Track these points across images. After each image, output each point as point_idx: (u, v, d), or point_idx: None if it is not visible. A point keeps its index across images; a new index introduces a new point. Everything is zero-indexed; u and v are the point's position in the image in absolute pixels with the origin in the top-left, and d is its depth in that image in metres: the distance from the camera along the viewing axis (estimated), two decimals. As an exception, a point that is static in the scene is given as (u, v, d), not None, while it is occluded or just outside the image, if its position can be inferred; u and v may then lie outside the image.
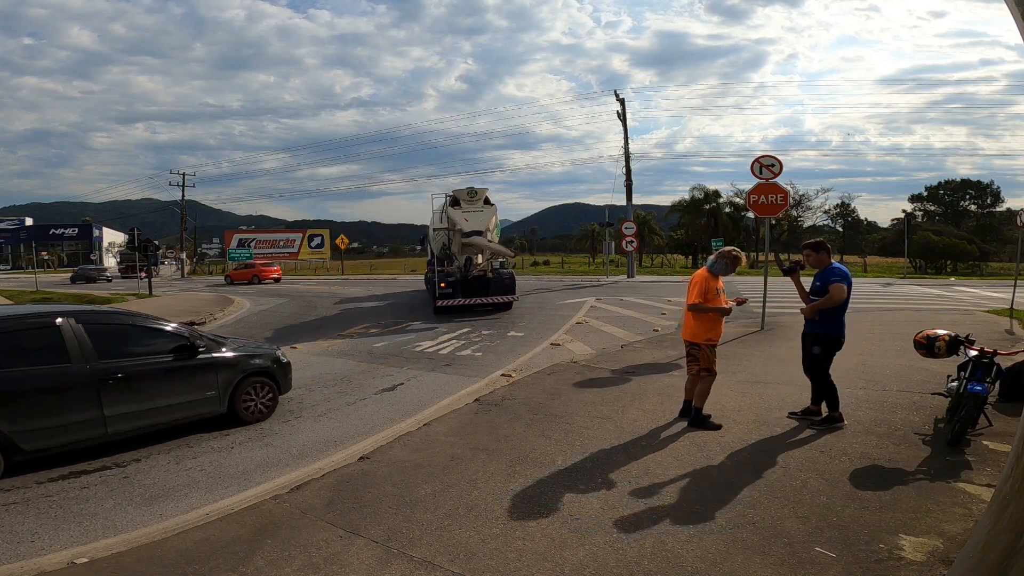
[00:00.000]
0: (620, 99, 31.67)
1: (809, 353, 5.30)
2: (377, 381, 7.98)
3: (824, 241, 5.48)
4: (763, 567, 3.06)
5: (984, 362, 4.92)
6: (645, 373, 7.71)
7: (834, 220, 62.38)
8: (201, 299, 21.31)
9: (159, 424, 5.51)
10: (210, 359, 5.90)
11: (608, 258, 35.71)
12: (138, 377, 5.29)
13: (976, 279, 30.62)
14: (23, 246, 63.44)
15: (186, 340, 5.75)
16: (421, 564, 3.21)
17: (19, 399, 4.67)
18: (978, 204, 60.17)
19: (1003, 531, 2.23)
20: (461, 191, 15.70)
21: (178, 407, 5.61)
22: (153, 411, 5.40)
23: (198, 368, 5.77)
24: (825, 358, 5.21)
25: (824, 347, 5.18)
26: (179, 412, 5.64)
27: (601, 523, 3.60)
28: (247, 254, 54.48)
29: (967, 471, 4.19)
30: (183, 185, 48.15)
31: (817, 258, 5.28)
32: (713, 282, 5.29)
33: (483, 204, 15.55)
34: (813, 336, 5.25)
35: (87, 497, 4.39)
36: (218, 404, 5.91)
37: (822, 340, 5.19)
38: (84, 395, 4.93)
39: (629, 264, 30.90)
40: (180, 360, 5.64)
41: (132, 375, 5.24)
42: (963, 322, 11.32)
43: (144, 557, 3.42)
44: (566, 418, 5.78)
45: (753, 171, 10.85)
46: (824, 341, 5.18)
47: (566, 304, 17.46)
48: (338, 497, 4.12)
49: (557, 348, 10.27)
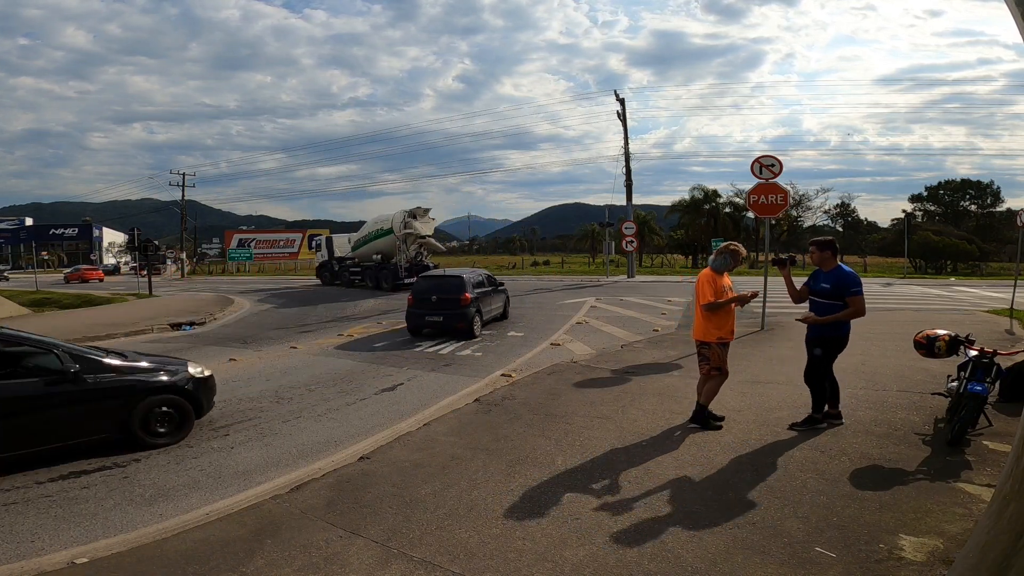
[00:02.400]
0: (620, 99, 31.69)
1: (810, 355, 5.18)
2: (377, 381, 7.98)
3: (834, 240, 5.31)
4: (763, 567, 3.06)
5: (984, 362, 4.91)
6: (645, 373, 7.71)
7: (834, 220, 62.38)
8: (201, 299, 21.31)
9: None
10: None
11: (608, 258, 35.71)
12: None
13: (976, 279, 30.62)
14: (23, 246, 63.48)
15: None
16: (421, 564, 3.21)
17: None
18: (978, 204, 60.14)
19: (1003, 531, 2.23)
20: (417, 209, 23.69)
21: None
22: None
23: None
24: (827, 359, 5.12)
25: (826, 348, 5.09)
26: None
27: (601, 523, 3.60)
28: (247, 254, 54.53)
29: (967, 471, 4.19)
30: (183, 185, 48.20)
31: (821, 256, 5.12)
32: (720, 279, 5.27)
33: (429, 218, 24.29)
34: (817, 339, 5.11)
35: (87, 497, 4.38)
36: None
37: (825, 342, 5.08)
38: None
39: (629, 264, 30.91)
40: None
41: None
42: (963, 322, 11.33)
43: (144, 557, 3.41)
44: (566, 418, 5.78)
45: (753, 171, 10.86)
46: (826, 343, 5.08)
47: (566, 304, 17.47)
48: (338, 497, 4.12)
49: (557, 348, 10.28)
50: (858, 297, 4.90)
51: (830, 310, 5.00)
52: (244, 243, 56.34)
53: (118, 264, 61.16)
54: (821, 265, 5.16)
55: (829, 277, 5.05)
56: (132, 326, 13.59)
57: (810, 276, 5.27)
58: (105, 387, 5.25)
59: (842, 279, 4.97)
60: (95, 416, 5.22)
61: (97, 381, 5.19)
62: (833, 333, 5.06)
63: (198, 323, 14.53)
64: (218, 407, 6.62)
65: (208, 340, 12.14)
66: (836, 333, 5.06)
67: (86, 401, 5.12)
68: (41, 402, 4.89)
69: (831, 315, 4.97)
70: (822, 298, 5.06)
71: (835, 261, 5.15)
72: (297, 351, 10.53)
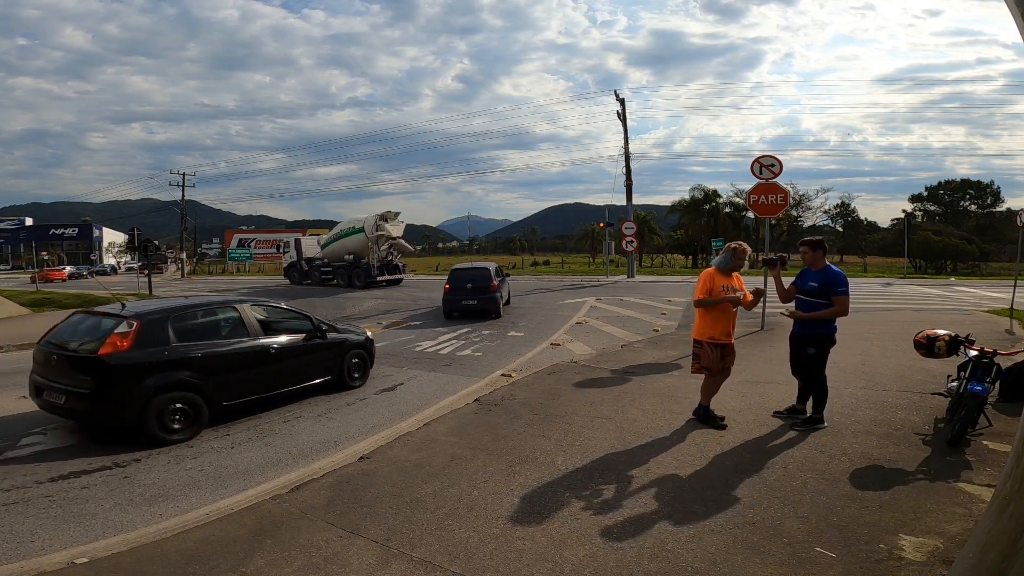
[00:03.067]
0: (620, 99, 31.68)
1: (803, 355, 5.23)
2: (377, 381, 7.98)
3: (823, 240, 5.43)
4: (763, 567, 3.06)
5: (984, 362, 4.91)
6: (645, 373, 7.72)
7: (834, 220, 62.43)
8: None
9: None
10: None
11: (608, 258, 35.70)
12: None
13: (976, 279, 30.62)
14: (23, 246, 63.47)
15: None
16: (421, 564, 3.21)
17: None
18: (978, 204, 60.17)
19: (1003, 531, 2.23)
20: (388, 213, 25.56)
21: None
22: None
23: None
24: (822, 358, 5.16)
25: (820, 348, 5.14)
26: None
27: (601, 523, 3.60)
28: (247, 254, 54.51)
29: (967, 471, 4.19)
30: (183, 185, 48.18)
31: (813, 256, 5.22)
32: (720, 278, 5.23)
33: (399, 221, 26.16)
34: (808, 338, 5.18)
35: (87, 497, 4.38)
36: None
37: (817, 341, 5.13)
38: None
39: (629, 264, 30.91)
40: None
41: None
42: (963, 322, 11.32)
43: (144, 557, 3.41)
44: (566, 418, 5.78)
45: (753, 171, 10.87)
46: (818, 342, 5.13)
47: (566, 304, 17.47)
48: (338, 497, 4.12)
49: (557, 348, 10.28)
50: (843, 297, 5.00)
51: (815, 308, 5.09)
52: (244, 243, 56.31)
53: (117, 264, 61.20)
54: (812, 264, 5.23)
55: (817, 276, 5.13)
56: (132, 326, 13.59)
57: (798, 275, 5.34)
58: (333, 343, 7.37)
59: (830, 279, 5.07)
60: (327, 362, 7.31)
61: (330, 339, 7.32)
62: (824, 332, 5.13)
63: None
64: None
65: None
66: (826, 331, 5.13)
67: (324, 350, 7.25)
68: (301, 350, 6.96)
69: (815, 312, 5.06)
70: (809, 296, 5.15)
71: (824, 261, 5.24)
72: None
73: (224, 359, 6.10)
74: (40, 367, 5.87)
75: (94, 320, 6.01)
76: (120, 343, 5.45)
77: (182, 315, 6.17)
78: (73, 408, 5.49)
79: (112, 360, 5.36)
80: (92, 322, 5.98)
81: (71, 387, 5.43)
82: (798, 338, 5.30)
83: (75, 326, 6.06)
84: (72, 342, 5.79)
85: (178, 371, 5.68)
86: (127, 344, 5.47)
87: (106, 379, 5.33)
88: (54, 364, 5.68)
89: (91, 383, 5.34)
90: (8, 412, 6.61)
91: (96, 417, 5.51)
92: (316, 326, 7.18)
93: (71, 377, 5.49)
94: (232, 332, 6.39)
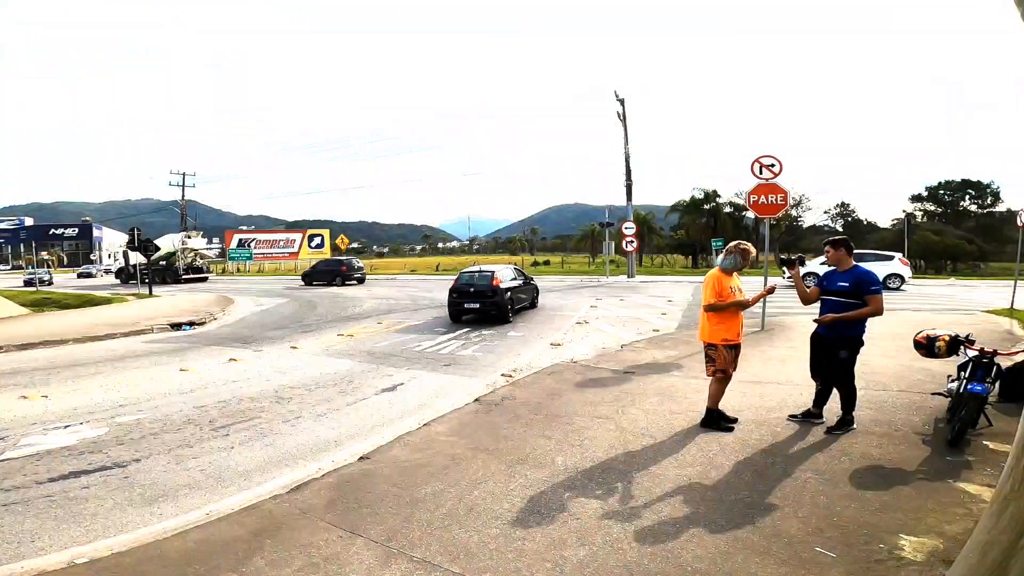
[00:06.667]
0: (620, 99, 31.70)
1: (832, 358, 5.06)
2: (377, 381, 7.98)
3: (848, 239, 5.23)
4: (763, 567, 3.06)
5: (984, 362, 4.91)
6: (645, 373, 7.71)
7: (834, 220, 62.40)
8: (201, 300, 21.30)
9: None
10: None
11: (608, 258, 35.72)
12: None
13: (976, 279, 30.62)
14: (23, 246, 63.44)
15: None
16: (421, 564, 3.21)
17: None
18: (978, 204, 60.18)
19: (1003, 531, 2.23)
20: (192, 232, 39.27)
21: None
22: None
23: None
24: (853, 361, 5.04)
25: (852, 350, 5.00)
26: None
27: (601, 523, 3.60)
28: (247, 254, 54.45)
29: (967, 471, 4.19)
30: (183, 185, 48.18)
31: (837, 256, 5.09)
32: (727, 279, 5.20)
33: (200, 236, 39.65)
34: (840, 340, 5.01)
35: (87, 497, 4.38)
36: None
37: (849, 343, 4.99)
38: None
39: (629, 264, 30.93)
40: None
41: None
42: (963, 322, 11.33)
43: (144, 557, 3.41)
44: (566, 418, 5.78)
45: (753, 171, 10.85)
46: (851, 344, 4.99)
47: (566, 304, 17.48)
48: (338, 497, 4.12)
49: (557, 348, 10.28)
50: (878, 296, 4.88)
51: (846, 309, 4.95)
52: (244, 243, 56.18)
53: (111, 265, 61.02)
54: (838, 264, 5.12)
55: (847, 276, 5.01)
56: (132, 326, 13.59)
57: (823, 276, 5.23)
58: (533, 287, 16.55)
59: (862, 278, 4.94)
60: (530, 296, 16.01)
61: (533, 285, 16.64)
62: (856, 333, 5.00)
63: (198, 323, 14.52)
64: (218, 407, 6.65)
65: (209, 340, 12.14)
66: (858, 333, 5.01)
67: (532, 291, 16.26)
68: (525, 288, 15.58)
69: (850, 312, 4.92)
70: (840, 297, 4.99)
71: (851, 260, 5.11)
72: (297, 351, 10.52)
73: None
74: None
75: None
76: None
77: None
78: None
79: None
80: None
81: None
82: (827, 341, 5.10)
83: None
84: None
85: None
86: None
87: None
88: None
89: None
90: (8, 412, 6.61)
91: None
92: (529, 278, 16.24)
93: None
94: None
